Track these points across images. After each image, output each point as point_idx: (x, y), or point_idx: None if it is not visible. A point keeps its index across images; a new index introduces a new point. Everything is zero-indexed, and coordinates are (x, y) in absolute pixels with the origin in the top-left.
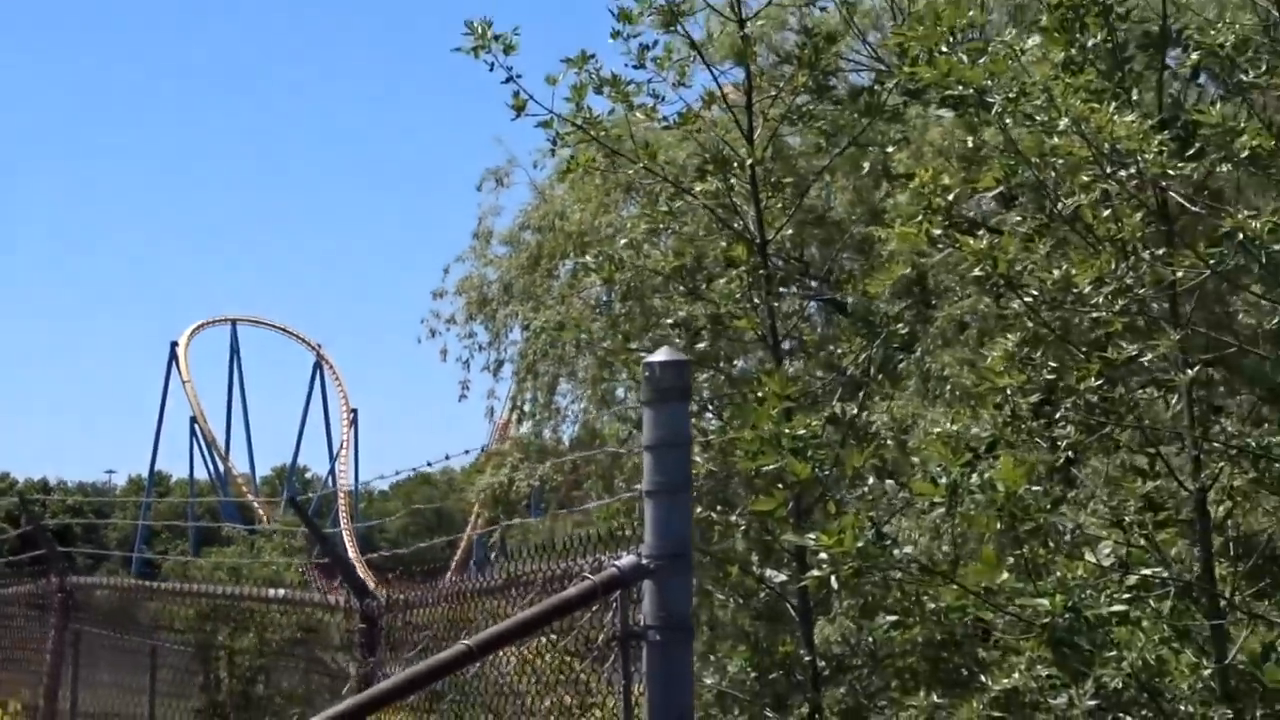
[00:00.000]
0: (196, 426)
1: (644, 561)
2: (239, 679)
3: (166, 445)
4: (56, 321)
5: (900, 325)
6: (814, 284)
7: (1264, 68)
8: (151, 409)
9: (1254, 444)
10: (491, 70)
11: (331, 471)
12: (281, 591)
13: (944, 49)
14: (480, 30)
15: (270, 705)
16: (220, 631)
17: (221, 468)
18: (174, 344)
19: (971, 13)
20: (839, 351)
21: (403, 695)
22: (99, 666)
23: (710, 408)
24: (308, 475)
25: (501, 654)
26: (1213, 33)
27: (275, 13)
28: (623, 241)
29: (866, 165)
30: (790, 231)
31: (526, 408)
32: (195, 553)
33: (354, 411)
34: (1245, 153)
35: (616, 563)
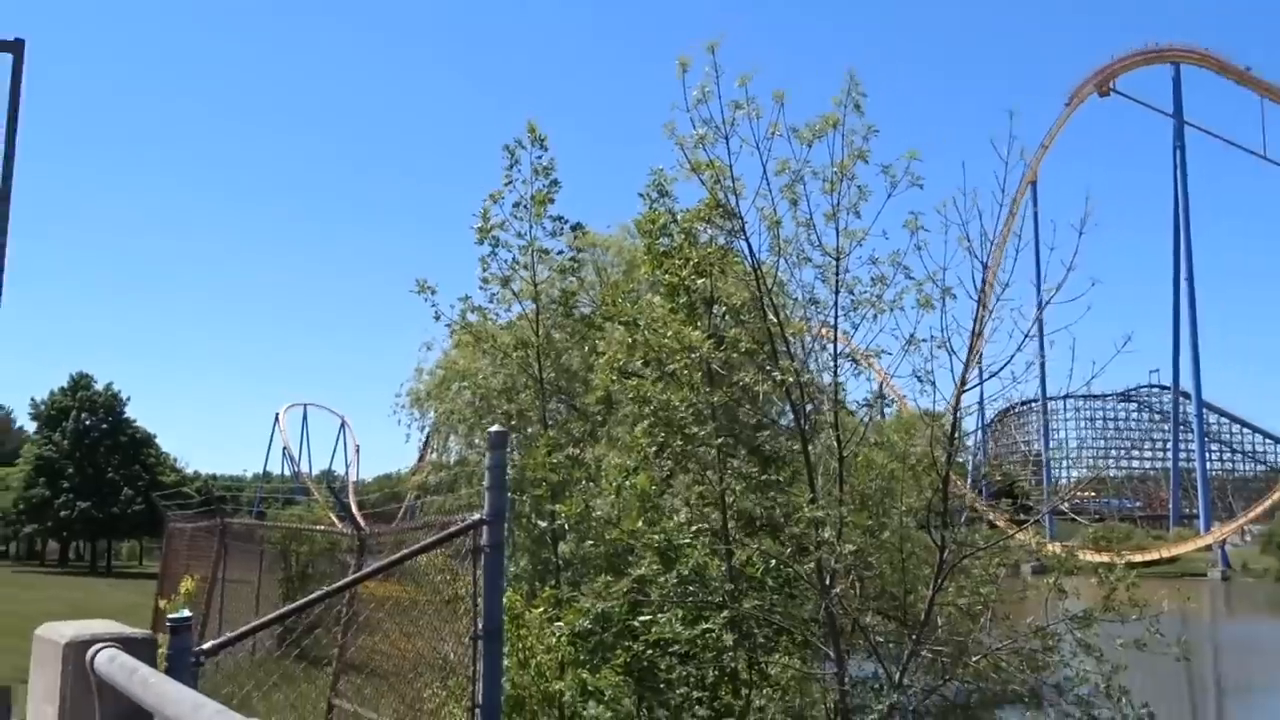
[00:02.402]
0: (285, 451)
1: (484, 516)
2: (300, 565)
3: (273, 459)
4: (214, 407)
5: (599, 415)
6: (562, 397)
7: (751, 314)
8: (264, 441)
9: (745, 472)
10: (426, 302)
11: (346, 473)
12: (322, 526)
13: (620, 299)
14: (422, 284)
15: (315, 576)
16: (291, 542)
17: (297, 470)
18: (276, 414)
19: (632, 285)
20: (571, 427)
21: (380, 572)
22: (235, 560)
23: (516, 450)
24: (335, 475)
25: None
26: (730, 295)
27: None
28: (486, 374)
29: (588, 347)
30: (553, 375)
31: (435, 447)
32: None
33: (358, 446)
34: (743, 348)
35: (473, 517)
